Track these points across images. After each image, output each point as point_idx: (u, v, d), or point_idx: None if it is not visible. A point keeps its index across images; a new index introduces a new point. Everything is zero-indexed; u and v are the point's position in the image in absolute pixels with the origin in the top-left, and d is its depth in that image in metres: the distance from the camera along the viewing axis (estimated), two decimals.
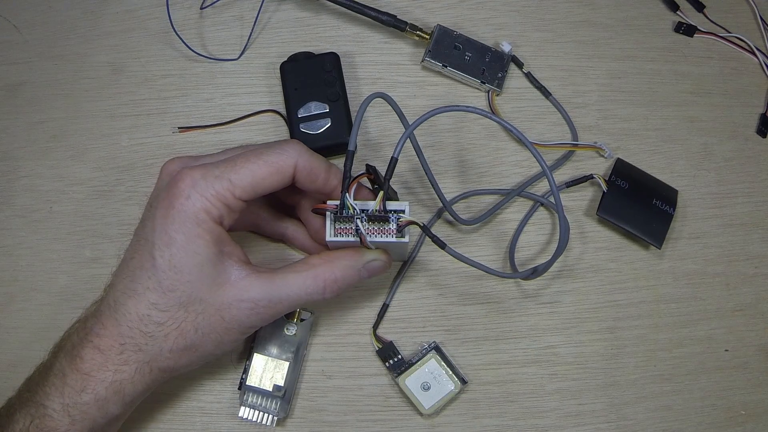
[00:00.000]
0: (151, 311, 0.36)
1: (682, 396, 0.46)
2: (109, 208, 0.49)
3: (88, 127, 0.51)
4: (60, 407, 0.35)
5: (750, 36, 0.54)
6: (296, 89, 0.49)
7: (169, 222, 0.36)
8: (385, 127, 0.51)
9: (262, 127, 0.50)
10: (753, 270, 0.49)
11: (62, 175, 0.50)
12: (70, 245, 0.48)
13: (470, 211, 0.49)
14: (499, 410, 0.45)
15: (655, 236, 0.47)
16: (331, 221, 0.38)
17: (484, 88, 0.51)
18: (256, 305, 0.37)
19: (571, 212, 0.49)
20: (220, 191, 0.36)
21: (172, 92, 0.51)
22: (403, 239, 0.38)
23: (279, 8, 0.54)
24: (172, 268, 0.36)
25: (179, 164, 0.39)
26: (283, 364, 0.42)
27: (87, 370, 0.36)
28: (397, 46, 0.53)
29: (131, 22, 0.53)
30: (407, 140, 0.37)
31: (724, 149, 0.51)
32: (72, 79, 0.52)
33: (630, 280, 0.48)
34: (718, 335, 0.47)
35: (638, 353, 0.46)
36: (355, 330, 0.46)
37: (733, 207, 0.50)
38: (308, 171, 0.38)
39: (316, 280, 0.38)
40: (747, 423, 0.45)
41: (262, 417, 0.43)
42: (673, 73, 0.53)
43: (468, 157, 0.50)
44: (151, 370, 0.37)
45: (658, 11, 0.55)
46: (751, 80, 0.53)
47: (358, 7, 0.50)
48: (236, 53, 0.52)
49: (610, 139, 0.51)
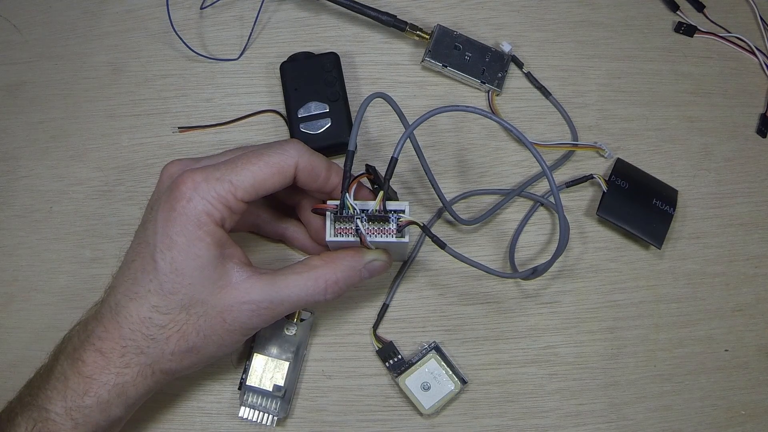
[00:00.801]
0: (152, 314, 0.36)
1: (682, 396, 0.46)
2: (109, 208, 0.49)
3: (88, 127, 0.51)
4: (62, 411, 0.35)
5: (750, 36, 0.54)
6: (296, 89, 0.49)
7: (170, 225, 0.36)
8: (385, 127, 0.51)
9: (262, 127, 0.50)
10: (753, 270, 0.49)
11: (62, 175, 0.50)
12: (70, 245, 0.48)
13: (470, 211, 0.49)
14: (499, 410, 0.45)
15: (655, 236, 0.47)
16: (331, 221, 0.38)
17: (484, 88, 0.51)
18: (257, 307, 0.37)
19: (571, 212, 0.49)
20: (222, 193, 0.36)
21: (172, 92, 0.51)
22: (403, 239, 0.38)
23: (279, 8, 0.54)
24: (173, 271, 0.36)
25: (180, 166, 0.39)
26: (283, 364, 0.42)
27: (89, 373, 0.36)
28: (397, 46, 0.53)
29: (131, 22, 0.53)
30: (407, 140, 0.37)
31: (724, 149, 0.51)
32: (72, 79, 0.52)
33: (630, 280, 0.48)
34: (718, 335, 0.47)
35: (638, 353, 0.46)
36: (355, 330, 0.46)
37: (733, 207, 0.50)
38: (309, 170, 0.38)
39: (317, 281, 0.38)
40: (747, 423, 0.45)
41: (262, 417, 0.43)
42: (673, 73, 0.53)
43: (468, 157, 0.50)
44: (153, 372, 0.37)
45: (658, 11, 0.55)
46: (751, 80, 0.53)
47: (358, 7, 0.50)
48: (236, 53, 0.52)
49: (610, 139, 0.51)
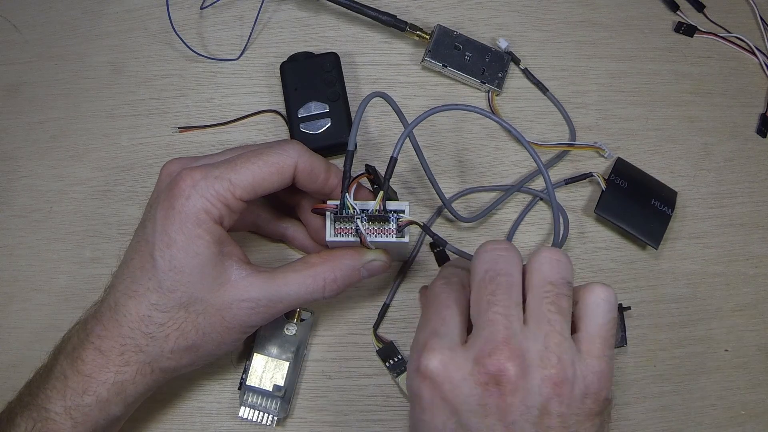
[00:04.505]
0: (151, 312, 0.36)
1: (682, 396, 0.46)
2: (109, 208, 0.49)
3: (88, 127, 0.51)
4: (62, 410, 0.35)
5: (750, 36, 0.54)
6: (296, 89, 0.49)
7: (169, 223, 0.36)
8: (385, 127, 0.51)
9: (262, 127, 0.50)
10: (753, 270, 0.49)
11: (62, 175, 0.50)
12: (70, 245, 0.48)
13: (469, 209, 0.49)
14: None
15: (653, 236, 0.47)
16: (331, 221, 0.38)
17: (484, 88, 0.51)
18: (256, 304, 0.37)
19: (571, 211, 0.49)
20: (221, 191, 0.36)
21: (172, 92, 0.51)
22: (403, 239, 0.38)
23: (279, 8, 0.54)
24: (172, 269, 0.36)
25: (179, 165, 0.39)
26: (283, 364, 0.42)
27: (88, 371, 0.36)
28: (397, 46, 0.53)
29: (131, 22, 0.53)
30: (407, 140, 0.37)
31: (724, 149, 0.51)
32: (72, 79, 0.52)
33: (630, 280, 0.48)
34: (718, 335, 0.47)
35: (638, 353, 0.46)
36: (355, 330, 0.46)
37: (733, 207, 0.50)
38: (308, 171, 0.38)
39: (316, 279, 0.38)
40: (747, 423, 0.45)
41: (262, 417, 0.43)
42: (673, 73, 0.53)
43: (468, 157, 0.50)
44: (152, 370, 0.37)
45: (658, 11, 0.55)
46: (751, 80, 0.53)
47: (358, 7, 0.50)
48: (236, 53, 0.52)
49: (610, 139, 0.51)
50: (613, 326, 0.33)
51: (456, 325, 0.34)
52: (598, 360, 0.32)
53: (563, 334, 0.32)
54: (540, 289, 0.33)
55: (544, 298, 0.33)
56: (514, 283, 0.33)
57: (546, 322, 0.32)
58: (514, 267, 0.34)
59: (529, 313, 0.33)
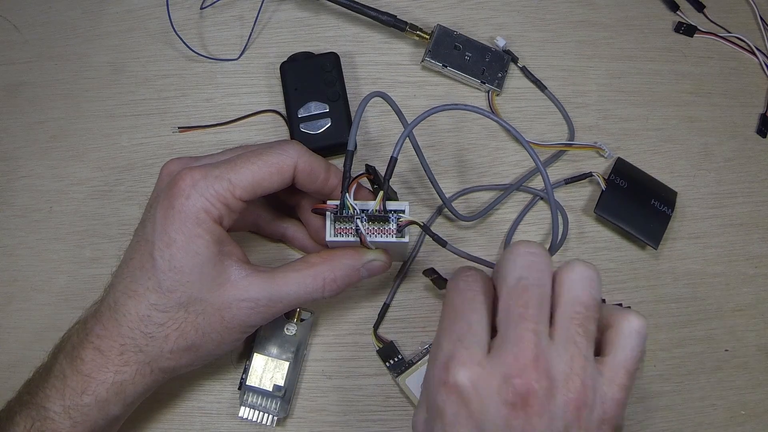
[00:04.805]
0: (151, 312, 0.36)
1: (682, 396, 0.46)
2: (109, 208, 0.49)
3: (88, 127, 0.51)
4: (61, 409, 0.35)
5: (750, 36, 0.54)
6: (296, 89, 0.49)
7: (168, 222, 0.36)
8: (385, 127, 0.51)
9: (262, 127, 0.51)
10: (753, 270, 0.49)
11: (62, 175, 0.50)
12: (70, 245, 0.48)
13: (469, 209, 0.49)
14: None
15: (652, 236, 0.47)
16: (331, 221, 0.38)
17: (484, 88, 0.51)
18: (256, 304, 0.37)
19: (570, 211, 0.49)
20: (220, 191, 0.36)
21: (172, 92, 0.51)
22: (403, 239, 0.38)
23: (279, 8, 0.54)
24: (172, 269, 0.36)
25: (179, 165, 0.39)
26: (283, 364, 0.42)
27: (87, 371, 0.36)
28: (397, 46, 0.53)
29: (131, 22, 0.53)
30: (407, 140, 0.37)
31: (724, 149, 0.51)
32: (72, 79, 0.52)
33: (630, 280, 0.48)
34: (718, 335, 0.47)
35: None
36: (355, 330, 0.46)
37: (733, 207, 0.50)
38: (308, 171, 0.38)
39: (316, 278, 0.38)
40: (747, 423, 0.45)
41: (262, 417, 0.43)
42: (673, 73, 0.53)
43: (468, 157, 0.50)
44: (151, 370, 0.37)
45: (658, 11, 0.55)
46: (751, 80, 0.53)
47: (358, 7, 0.50)
48: (236, 53, 0.52)
49: (610, 139, 0.51)
50: (640, 359, 0.33)
51: (483, 331, 0.33)
52: (620, 389, 0.32)
53: (588, 358, 0.31)
54: (570, 308, 0.32)
55: (573, 319, 0.32)
56: (546, 296, 0.33)
57: (573, 343, 0.31)
58: (546, 276, 0.33)
59: (557, 330, 0.32)
